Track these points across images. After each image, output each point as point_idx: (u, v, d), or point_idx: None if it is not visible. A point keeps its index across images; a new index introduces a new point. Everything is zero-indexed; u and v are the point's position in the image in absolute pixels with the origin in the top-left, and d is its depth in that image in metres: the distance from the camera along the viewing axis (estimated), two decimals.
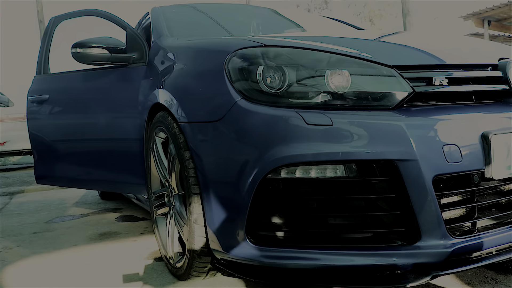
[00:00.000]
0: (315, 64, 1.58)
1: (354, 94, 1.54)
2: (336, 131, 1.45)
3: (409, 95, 1.54)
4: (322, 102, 1.53)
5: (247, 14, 3.81)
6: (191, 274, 1.96)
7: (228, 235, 1.65)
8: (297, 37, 2.20)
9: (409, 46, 1.93)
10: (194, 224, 1.80)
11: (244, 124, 1.58)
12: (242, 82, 1.62)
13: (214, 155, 1.69)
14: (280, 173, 1.52)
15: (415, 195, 1.44)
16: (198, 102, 1.80)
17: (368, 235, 1.53)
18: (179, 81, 1.99)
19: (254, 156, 1.54)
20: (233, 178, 1.60)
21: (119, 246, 2.84)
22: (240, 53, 1.68)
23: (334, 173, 1.49)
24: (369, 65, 1.58)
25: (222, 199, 1.65)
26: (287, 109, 1.53)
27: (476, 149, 1.51)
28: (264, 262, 1.58)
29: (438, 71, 1.63)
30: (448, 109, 1.59)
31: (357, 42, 2.02)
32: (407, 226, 1.48)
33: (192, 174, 1.79)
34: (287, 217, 1.55)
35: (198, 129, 1.76)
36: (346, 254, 1.50)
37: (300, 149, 1.47)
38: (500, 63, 1.75)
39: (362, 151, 1.44)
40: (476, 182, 1.53)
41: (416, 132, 1.45)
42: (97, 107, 3.00)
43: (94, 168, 3.15)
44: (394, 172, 1.45)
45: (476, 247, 1.56)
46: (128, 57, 2.70)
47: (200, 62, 1.94)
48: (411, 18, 6.70)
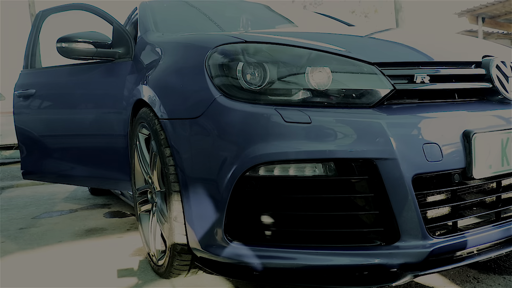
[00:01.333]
0: (295, 61, 1.56)
1: (334, 91, 1.52)
2: (314, 129, 1.43)
3: (389, 92, 1.52)
4: (301, 100, 1.51)
5: (239, 10, 3.78)
6: (172, 272, 1.94)
7: (207, 233, 1.63)
8: (282, 33, 2.17)
9: (393, 43, 1.91)
10: (174, 222, 1.77)
11: (222, 122, 1.56)
12: (222, 79, 1.59)
13: (193, 152, 1.67)
14: (258, 171, 1.50)
15: (394, 194, 1.42)
16: (178, 98, 1.78)
17: (347, 234, 1.50)
18: (161, 77, 1.96)
19: (232, 154, 1.52)
20: (212, 175, 1.58)
21: (104, 243, 2.81)
22: (220, 49, 1.66)
23: (312, 172, 1.47)
24: (350, 62, 1.56)
25: (201, 197, 1.63)
26: (266, 106, 1.50)
27: (458, 148, 1.49)
28: (242, 261, 1.56)
29: (420, 68, 1.61)
30: (429, 107, 1.56)
31: (341, 38, 1.99)
32: (386, 225, 1.46)
33: (172, 171, 1.76)
34: (265, 216, 1.53)
35: (178, 126, 1.73)
36: (324, 254, 1.49)
37: (278, 147, 1.45)
38: (483, 61, 1.74)
39: (340, 149, 1.42)
40: (457, 181, 1.51)
41: (396, 131, 1.42)
42: (83, 102, 2.97)
43: (81, 164, 3.13)
44: (373, 171, 1.43)
45: (457, 247, 1.54)
46: (114, 52, 2.68)
47: (182, 58, 1.91)
48: (403, 14, 6.67)
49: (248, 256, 1.55)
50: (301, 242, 1.52)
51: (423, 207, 1.48)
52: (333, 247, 1.50)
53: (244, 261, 1.56)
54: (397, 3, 6.60)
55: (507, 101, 1.70)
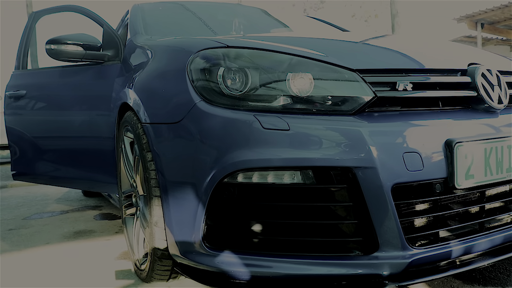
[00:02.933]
0: (276, 67, 1.54)
1: (315, 98, 1.49)
2: (293, 136, 1.41)
3: (371, 100, 1.49)
4: (282, 106, 1.49)
5: (234, 14, 3.76)
6: (153, 277, 1.91)
7: (186, 239, 1.60)
8: (269, 37, 2.15)
9: (379, 50, 1.89)
10: (155, 227, 1.75)
11: (201, 127, 1.53)
12: (203, 84, 1.57)
13: (173, 157, 1.65)
14: (236, 178, 1.48)
15: (373, 204, 1.40)
16: (161, 102, 1.76)
17: (326, 243, 1.48)
18: (145, 81, 1.94)
19: (211, 160, 1.50)
20: (191, 181, 1.56)
21: (91, 245, 2.79)
22: (202, 54, 1.64)
23: (291, 180, 1.45)
24: (331, 68, 1.53)
25: (180, 203, 1.60)
26: (245, 112, 1.48)
27: (440, 157, 1.47)
28: (220, 268, 1.54)
29: (404, 75, 1.58)
30: (412, 115, 1.54)
31: (327, 44, 1.97)
32: (365, 235, 1.44)
33: (153, 176, 1.74)
34: (242, 223, 1.51)
35: (159, 130, 1.71)
36: (303, 263, 1.46)
37: (256, 154, 1.43)
38: (469, 69, 1.71)
39: (318, 157, 1.39)
40: (438, 191, 1.49)
41: (375, 139, 1.40)
42: (72, 105, 2.96)
43: (70, 166, 3.11)
44: (352, 180, 1.40)
45: (438, 257, 1.52)
46: (103, 54, 2.67)
47: (166, 62, 1.89)
48: (399, 20, 6.65)
49: (226, 263, 1.53)
50: (280, 250, 1.49)
51: (403, 217, 1.46)
52: (312, 256, 1.47)
53: (222, 268, 1.53)
54: (393, 8, 6.58)
55: (492, 110, 1.67)
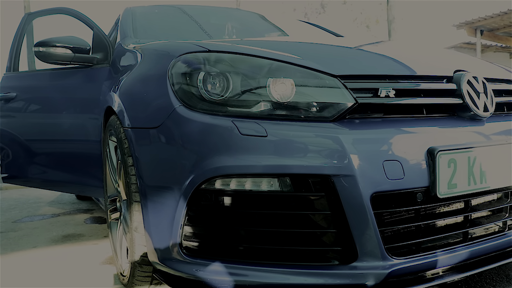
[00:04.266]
0: (256, 71, 1.51)
1: (295, 104, 1.47)
2: (270, 142, 1.38)
3: (351, 106, 1.46)
4: (261, 112, 1.46)
5: (230, 18, 3.75)
6: (134, 283, 1.89)
7: (164, 246, 1.58)
8: (256, 42, 2.13)
9: (366, 55, 1.87)
10: (135, 232, 1.73)
11: (180, 132, 1.51)
12: (183, 89, 1.55)
13: (152, 162, 1.62)
14: (214, 184, 1.45)
15: (351, 212, 1.37)
16: (142, 107, 1.73)
17: (305, 253, 1.45)
18: (128, 85, 1.92)
19: (188, 166, 1.47)
20: (169, 187, 1.53)
21: (78, 249, 2.77)
22: (183, 58, 1.61)
23: (268, 187, 1.42)
24: (311, 73, 1.51)
25: (158, 208, 1.58)
26: (224, 117, 1.45)
27: (421, 166, 1.44)
28: (198, 276, 1.51)
29: (386, 82, 1.55)
30: (394, 122, 1.51)
31: (311, 49, 1.95)
32: (344, 245, 1.41)
33: (134, 181, 1.72)
34: (220, 230, 1.48)
35: (140, 135, 1.69)
36: (280, 272, 1.43)
37: (233, 161, 1.40)
38: (455, 76, 1.68)
39: (296, 164, 1.37)
40: (419, 200, 1.46)
41: (354, 146, 1.37)
42: (62, 108, 2.94)
43: (60, 170, 3.09)
44: (330, 188, 1.38)
45: (420, 268, 1.49)
46: (93, 57, 2.65)
47: (149, 66, 1.87)
48: (396, 25, 6.64)
49: (203, 271, 1.50)
50: (258, 258, 1.46)
51: (383, 226, 1.43)
52: (290, 265, 1.44)
53: (200, 276, 1.51)
54: (390, 14, 6.57)
55: (478, 117, 1.65)
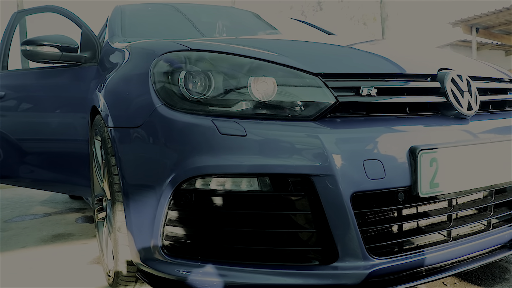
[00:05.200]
0: (237, 70, 1.50)
1: (275, 103, 1.45)
2: (249, 142, 1.37)
3: (332, 105, 1.45)
4: (241, 111, 1.45)
5: (223, 16, 3.73)
6: (118, 283, 1.88)
7: (146, 246, 1.56)
8: (238, 40, 2.12)
9: (351, 54, 1.86)
10: (118, 232, 1.72)
11: (161, 132, 1.50)
12: (165, 88, 1.54)
13: (134, 162, 1.61)
14: (195, 184, 1.44)
15: (331, 212, 1.36)
16: (125, 106, 1.72)
17: (286, 253, 1.44)
18: (113, 84, 1.91)
19: (169, 165, 1.46)
20: (150, 188, 1.52)
21: (67, 249, 2.76)
22: (165, 57, 1.60)
23: (248, 187, 1.41)
24: (292, 72, 1.49)
25: (140, 209, 1.57)
26: (204, 117, 1.44)
27: (403, 165, 1.43)
28: (179, 276, 1.50)
29: (369, 80, 1.54)
30: (376, 121, 1.50)
31: (295, 47, 1.94)
32: (324, 245, 1.40)
33: (117, 180, 1.71)
34: (200, 231, 1.47)
35: (122, 134, 1.68)
36: (261, 272, 1.42)
37: (213, 160, 1.39)
38: (439, 74, 1.67)
39: (275, 164, 1.36)
40: (401, 200, 1.45)
41: (334, 145, 1.36)
42: (50, 107, 2.93)
43: (50, 170, 3.08)
44: (310, 188, 1.37)
45: (402, 267, 1.48)
46: (80, 56, 2.63)
47: (133, 65, 1.86)
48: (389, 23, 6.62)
49: (184, 271, 1.49)
50: (238, 259, 1.45)
51: (364, 226, 1.42)
52: (270, 265, 1.43)
53: (181, 277, 1.50)
54: (384, 12, 6.55)
55: (462, 116, 1.64)
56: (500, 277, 1.95)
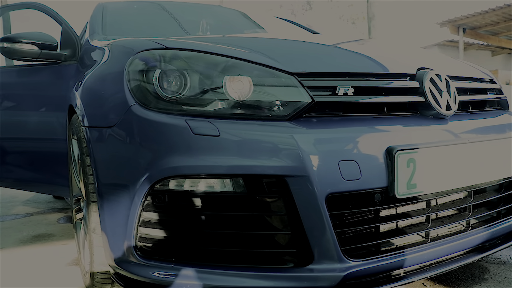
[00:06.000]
0: (212, 69, 1.47)
1: (250, 102, 1.43)
2: (223, 142, 1.35)
3: (307, 105, 1.43)
4: (216, 111, 1.42)
5: (210, 15, 3.69)
6: (94, 285, 1.85)
7: (119, 248, 1.54)
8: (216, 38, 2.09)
9: (330, 53, 1.84)
10: (93, 234, 1.69)
11: (135, 132, 1.47)
12: (139, 87, 1.51)
13: (108, 163, 1.58)
14: (168, 185, 1.42)
15: (306, 214, 1.34)
16: (100, 105, 1.69)
17: (261, 255, 1.42)
18: (89, 82, 1.88)
19: (143, 166, 1.43)
20: (124, 188, 1.49)
21: (46, 250, 2.71)
22: (140, 55, 1.57)
23: (221, 188, 1.39)
24: (268, 71, 1.47)
25: (113, 210, 1.54)
26: (178, 116, 1.42)
27: (379, 166, 1.42)
28: (152, 279, 1.47)
29: (346, 79, 1.52)
30: (353, 121, 1.48)
31: (274, 46, 1.91)
32: (299, 247, 1.38)
33: (91, 181, 1.67)
34: (173, 232, 1.44)
35: (97, 134, 1.65)
36: (235, 275, 1.40)
37: (186, 161, 1.36)
38: (418, 73, 1.66)
39: (248, 165, 1.33)
40: (377, 201, 1.43)
41: (309, 146, 1.34)
42: (30, 106, 2.89)
43: (30, 169, 3.04)
44: (284, 189, 1.34)
45: (379, 269, 1.46)
46: (60, 54, 2.59)
47: (109, 63, 1.82)
48: (376, 23, 6.62)
49: (158, 274, 1.46)
50: (212, 261, 1.43)
51: (339, 228, 1.40)
52: (245, 267, 1.41)
53: (155, 279, 1.47)
54: (370, 11, 6.55)
55: (441, 116, 1.62)
56: (479, 277, 1.95)
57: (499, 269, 2.04)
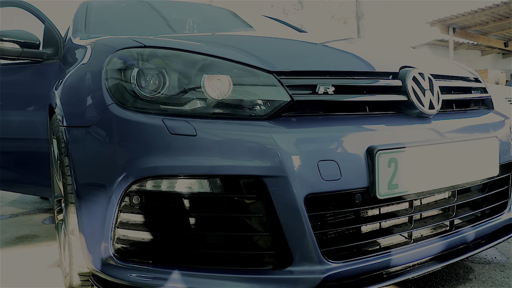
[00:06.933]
0: (190, 68, 1.44)
1: (229, 102, 1.40)
2: (200, 142, 1.32)
3: (286, 104, 1.41)
4: (194, 110, 1.40)
5: (198, 14, 3.66)
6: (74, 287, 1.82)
7: (97, 249, 1.50)
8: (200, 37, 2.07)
9: (313, 51, 1.82)
10: (71, 235, 1.66)
11: (112, 132, 1.44)
12: (117, 86, 1.47)
13: (85, 163, 1.55)
14: (145, 186, 1.39)
15: (284, 215, 1.32)
16: (78, 105, 1.66)
17: (240, 257, 1.39)
18: (68, 81, 1.84)
19: (119, 167, 1.40)
20: (101, 189, 1.46)
21: (29, 251, 2.68)
22: (119, 54, 1.54)
23: (199, 189, 1.36)
24: (247, 70, 1.44)
25: (91, 211, 1.51)
26: (155, 116, 1.39)
27: (360, 166, 1.39)
28: (130, 281, 1.44)
29: (326, 78, 1.49)
30: (333, 120, 1.46)
31: (255, 44, 1.89)
32: (278, 249, 1.35)
33: (70, 181, 1.64)
34: (151, 233, 1.41)
35: (74, 134, 1.61)
36: (215, 277, 1.37)
37: (162, 161, 1.34)
38: (400, 72, 1.64)
39: (225, 165, 1.31)
40: (358, 201, 1.41)
41: (287, 145, 1.31)
42: (12, 105, 2.84)
43: (13, 170, 2.99)
44: (262, 190, 1.32)
45: (360, 271, 1.44)
46: (42, 53, 2.55)
47: (88, 62, 1.79)
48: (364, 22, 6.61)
49: (135, 276, 1.43)
50: (190, 263, 1.40)
51: (319, 229, 1.37)
52: (224, 270, 1.38)
53: (132, 281, 1.44)
54: (359, 10, 6.54)
55: (424, 115, 1.60)
56: (464, 278, 1.93)
57: (484, 269, 2.03)
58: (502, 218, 1.88)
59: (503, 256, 2.20)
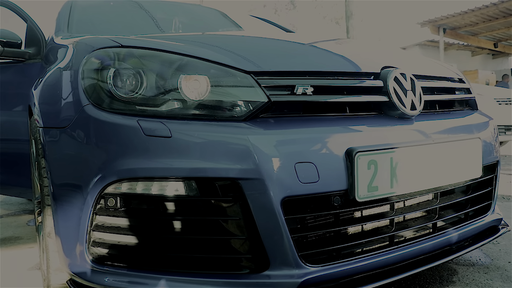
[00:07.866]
0: (166, 68, 1.42)
1: (206, 102, 1.38)
2: (174, 143, 1.30)
3: (264, 105, 1.38)
4: (169, 111, 1.37)
5: (187, 14, 3.63)
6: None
7: (72, 253, 1.48)
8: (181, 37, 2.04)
9: (293, 52, 1.80)
10: (48, 238, 1.62)
11: (87, 133, 1.41)
12: (93, 86, 1.45)
13: (61, 164, 1.52)
14: (120, 188, 1.36)
15: (261, 218, 1.29)
16: (54, 105, 1.63)
17: (216, 260, 1.37)
18: (46, 82, 1.81)
19: (94, 169, 1.37)
20: (76, 192, 1.43)
21: (11, 254, 2.64)
22: (95, 54, 1.51)
23: (174, 191, 1.33)
24: (224, 70, 1.42)
25: (67, 213, 1.48)
26: (130, 117, 1.36)
27: (339, 168, 1.37)
28: (106, 285, 1.41)
29: (305, 78, 1.47)
30: (312, 122, 1.43)
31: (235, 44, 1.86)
32: (255, 252, 1.33)
33: (46, 183, 1.61)
34: (126, 236, 1.39)
35: (51, 135, 1.58)
36: (190, 282, 1.35)
37: (137, 163, 1.31)
38: (382, 72, 1.62)
39: (200, 167, 1.28)
40: (336, 204, 1.39)
41: (263, 147, 1.29)
42: None
43: None
44: (238, 192, 1.29)
45: (339, 275, 1.42)
46: (24, 52, 2.52)
47: (66, 62, 1.76)
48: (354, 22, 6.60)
49: (111, 281, 1.41)
50: (165, 267, 1.38)
51: (296, 232, 1.35)
52: (200, 273, 1.36)
53: (108, 286, 1.41)
54: (348, 10, 6.54)
55: (406, 116, 1.59)
56: (447, 280, 1.92)
57: (468, 271, 2.01)
58: (486, 220, 1.87)
59: (488, 258, 2.19)
